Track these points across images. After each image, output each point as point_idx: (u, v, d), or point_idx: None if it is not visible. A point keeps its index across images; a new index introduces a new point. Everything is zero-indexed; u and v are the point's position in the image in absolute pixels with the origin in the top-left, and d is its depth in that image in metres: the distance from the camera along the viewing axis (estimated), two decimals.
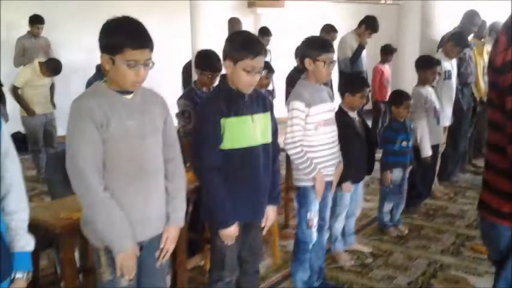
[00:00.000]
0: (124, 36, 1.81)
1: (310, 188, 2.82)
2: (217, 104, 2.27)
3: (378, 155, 3.95)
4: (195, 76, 3.76)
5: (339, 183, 3.13)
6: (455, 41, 4.78)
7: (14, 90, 5.42)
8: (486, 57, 5.37)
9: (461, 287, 3.26)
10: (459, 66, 5.10)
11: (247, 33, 2.48)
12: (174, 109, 2.92)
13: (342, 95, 3.38)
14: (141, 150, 1.94)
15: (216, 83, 3.03)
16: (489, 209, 1.77)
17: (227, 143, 2.26)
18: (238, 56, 2.19)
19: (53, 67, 5.44)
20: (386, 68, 6.70)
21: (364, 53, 5.92)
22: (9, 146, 1.62)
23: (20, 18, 6.70)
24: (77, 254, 2.63)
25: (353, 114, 3.33)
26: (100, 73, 4.03)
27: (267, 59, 5.54)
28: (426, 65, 4.42)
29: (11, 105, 5.64)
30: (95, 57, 2.02)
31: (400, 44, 6.73)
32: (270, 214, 2.48)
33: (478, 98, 5.63)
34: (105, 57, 1.84)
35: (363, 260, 3.62)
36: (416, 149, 4.22)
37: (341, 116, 3.17)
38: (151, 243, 2.05)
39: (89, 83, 4.10)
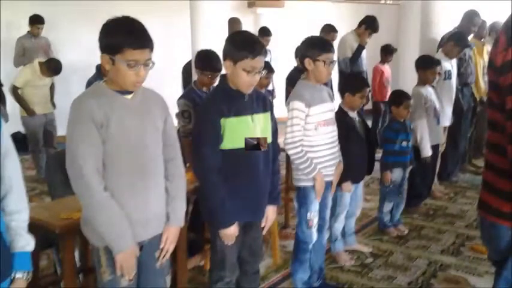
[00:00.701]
0: (124, 36, 1.81)
1: (310, 188, 2.82)
2: (217, 104, 2.27)
3: (378, 155, 3.95)
4: (195, 76, 3.76)
5: (339, 183, 3.13)
6: (455, 41, 4.78)
7: (14, 90, 5.42)
8: (486, 57, 5.37)
9: (461, 287, 3.26)
10: (459, 66, 5.10)
11: (247, 33, 2.48)
12: (174, 109, 2.92)
13: (342, 95, 3.38)
14: (141, 150, 1.94)
15: (216, 83, 3.03)
16: (489, 209, 1.77)
17: (227, 143, 2.26)
18: (238, 56, 2.19)
19: (53, 67, 5.44)
20: (387, 68, 6.70)
21: (364, 53, 5.92)
22: (9, 146, 1.61)
23: (20, 18, 6.71)
24: (77, 254, 2.63)
25: (353, 114, 3.33)
26: (100, 73, 4.02)
27: (267, 59, 5.55)
28: (426, 65, 4.42)
29: (11, 105, 5.65)
30: (95, 57, 2.03)
31: (400, 44, 6.74)
32: (270, 214, 2.47)
33: (478, 98, 5.64)
34: (105, 57, 1.84)
35: (363, 260, 3.62)
36: (416, 149, 4.22)
37: (341, 116, 3.17)
38: (151, 243, 2.05)
39: (89, 83, 4.09)
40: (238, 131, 2.26)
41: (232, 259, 2.41)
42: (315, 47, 2.76)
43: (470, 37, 5.35)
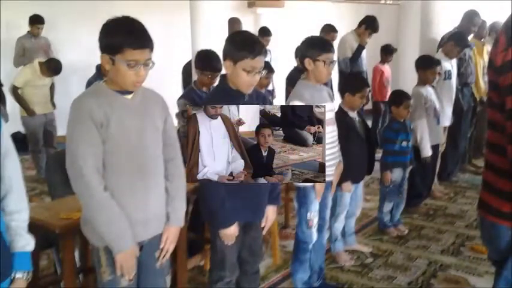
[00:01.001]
0: (124, 36, 1.81)
1: (310, 188, 2.82)
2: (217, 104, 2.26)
3: (378, 155, 3.96)
4: (195, 76, 3.76)
5: (339, 183, 3.13)
6: (455, 41, 4.78)
7: (14, 90, 5.42)
8: (486, 57, 5.37)
9: (461, 287, 3.26)
10: (459, 66, 5.10)
11: (247, 33, 2.47)
12: (174, 109, 2.92)
13: (342, 95, 3.38)
14: (141, 150, 1.94)
15: (216, 83, 3.03)
16: (489, 209, 1.77)
17: None
18: (238, 56, 2.19)
19: (53, 67, 5.44)
20: (387, 68, 6.70)
21: (364, 53, 5.92)
22: (9, 146, 1.61)
23: (20, 18, 6.70)
24: (77, 254, 2.63)
25: (353, 114, 3.33)
26: (100, 73, 4.03)
27: (267, 59, 5.55)
28: (426, 65, 4.43)
29: (11, 105, 5.65)
30: (95, 57, 2.03)
31: (400, 44, 6.75)
32: (270, 214, 2.47)
33: (478, 98, 5.64)
34: (105, 57, 1.84)
35: (363, 260, 3.62)
36: (416, 149, 4.22)
37: (341, 116, 3.17)
38: (151, 243, 2.05)
39: (89, 83, 4.09)
40: None
41: (232, 259, 2.41)
42: (315, 47, 2.75)
43: (470, 37, 5.35)
